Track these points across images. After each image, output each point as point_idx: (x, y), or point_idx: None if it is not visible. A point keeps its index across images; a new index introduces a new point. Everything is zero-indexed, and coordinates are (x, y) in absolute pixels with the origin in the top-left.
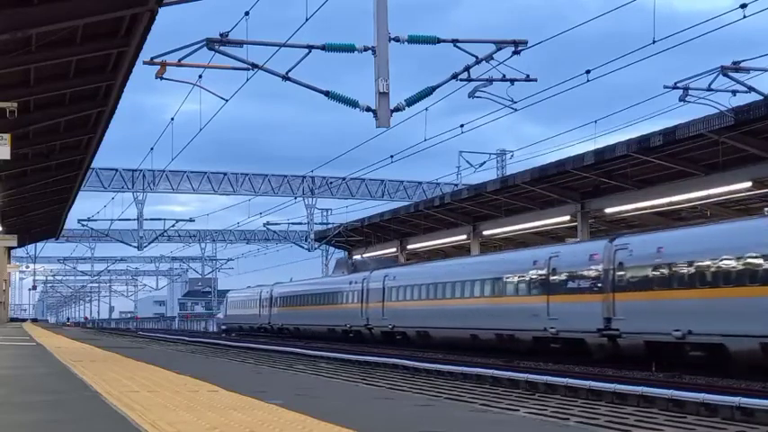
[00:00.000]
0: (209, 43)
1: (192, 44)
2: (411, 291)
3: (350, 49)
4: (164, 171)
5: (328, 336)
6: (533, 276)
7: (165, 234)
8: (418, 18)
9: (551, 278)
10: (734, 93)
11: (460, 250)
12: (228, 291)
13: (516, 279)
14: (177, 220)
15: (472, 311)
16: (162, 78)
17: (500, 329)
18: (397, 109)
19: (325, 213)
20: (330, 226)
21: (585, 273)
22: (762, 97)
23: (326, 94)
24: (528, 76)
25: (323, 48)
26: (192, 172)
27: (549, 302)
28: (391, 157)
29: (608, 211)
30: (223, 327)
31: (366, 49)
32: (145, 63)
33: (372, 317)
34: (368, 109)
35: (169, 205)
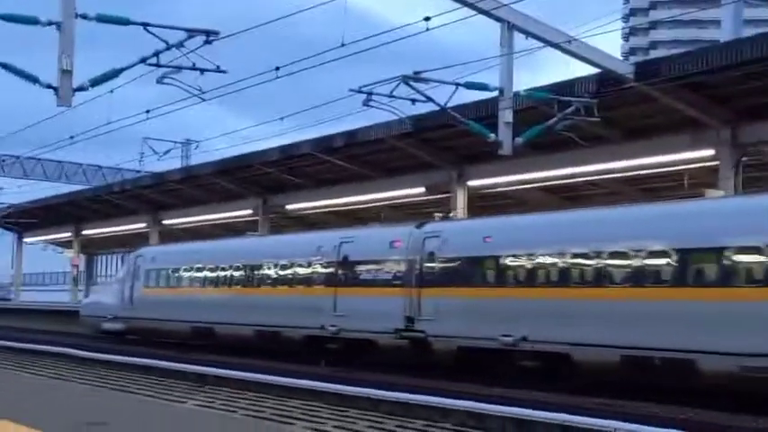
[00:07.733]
0: None
1: None
2: None
3: (32, 21)
4: None
5: None
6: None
7: None
8: None
9: None
10: (413, 101)
11: (141, 238)
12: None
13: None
14: None
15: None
16: None
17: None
18: (81, 88)
19: None
20: None
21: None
22: (438, 108)
23: (4, 66)
24: (218, 67)
25: (1, 18)
26: None
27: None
28: (71, 137)
29: (289, 207)
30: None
31: (50, 24)
32: None
33: None
34: (49, 86)
35: None
